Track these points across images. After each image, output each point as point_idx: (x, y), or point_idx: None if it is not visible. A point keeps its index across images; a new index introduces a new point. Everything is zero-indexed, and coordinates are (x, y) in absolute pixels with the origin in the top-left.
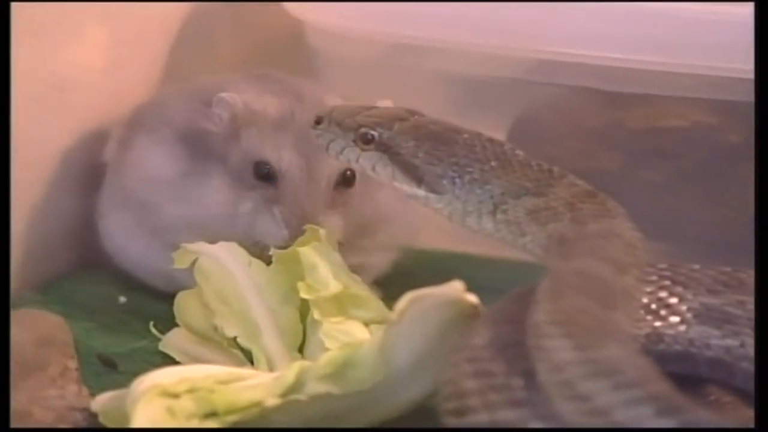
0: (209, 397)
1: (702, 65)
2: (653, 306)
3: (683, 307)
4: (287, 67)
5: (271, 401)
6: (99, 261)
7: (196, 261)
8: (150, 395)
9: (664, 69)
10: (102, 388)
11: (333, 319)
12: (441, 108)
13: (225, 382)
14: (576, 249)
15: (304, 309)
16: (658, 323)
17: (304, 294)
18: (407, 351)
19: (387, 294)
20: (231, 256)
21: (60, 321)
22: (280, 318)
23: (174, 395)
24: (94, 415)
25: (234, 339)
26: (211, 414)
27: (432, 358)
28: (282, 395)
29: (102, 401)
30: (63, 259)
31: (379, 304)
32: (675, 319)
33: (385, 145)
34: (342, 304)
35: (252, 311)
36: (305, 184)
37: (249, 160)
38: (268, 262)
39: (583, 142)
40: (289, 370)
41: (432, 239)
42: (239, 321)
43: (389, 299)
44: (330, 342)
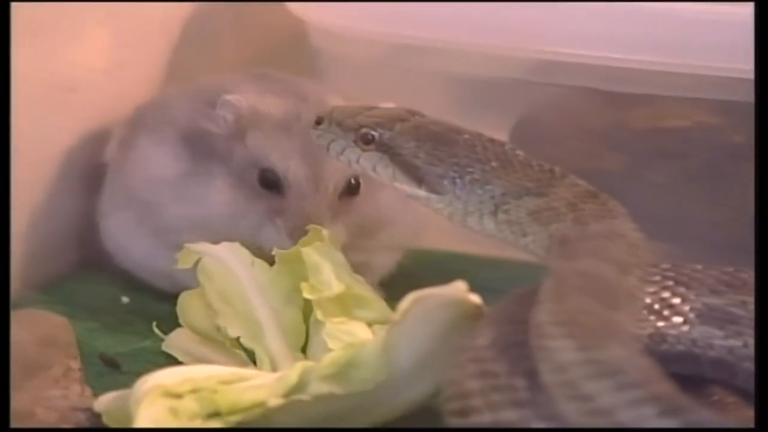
0: (212, 398)
1: (703, 65)
2: (656, 306)
3: (686, 308)
4: (290, 68)
5: (274, 401)
6: (101, 261)
7: (199, 261)
8: (153, 395)
9: (665, 69)
10: (105, 388)
11: (336, 320)
12: (443, 108)
13: (228, 382)
14: (578, 249)
15: (307, 309)
16: (660, 323)
17: (307, 294)
18: (410, 351)
19: (390, 294)
20: (234, 256)
21: (63, 321)
22: (283, 318)
23: (177, 395)
24: (97, 416)
25: (237, 339)
26: (214, 414)
27: (435, 358)
28: (285, 395)
29: (105, 401)
30: (66, 260)
31: (382, 304)
32: (678, 320)
33: (386, 146)
34: (345, 304)
35: (255, 311)
36: (311, 194)
37: (254, 164)
38: (271, 262)
39: (586, 142)
40: (292, 370)
41: (435, 240)
42: (242, 321)
43: (392, 299)
44: (333, 342)
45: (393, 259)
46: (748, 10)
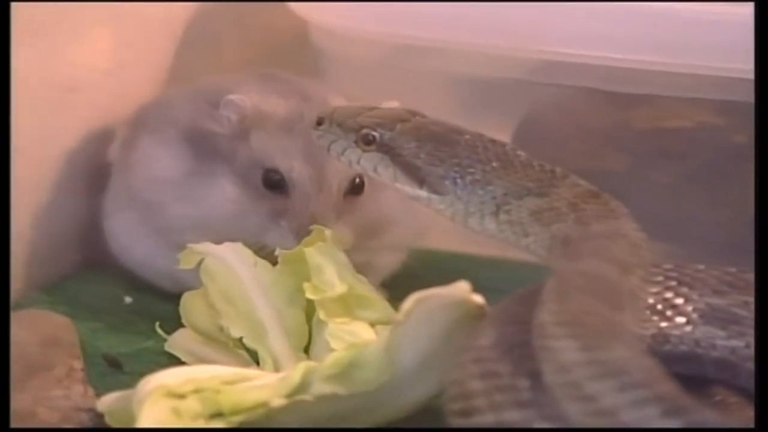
0: (215, 398)
1: (704, 65)
2: (659, 306)
3: (689, 308)
4: (292, 68)
5: (277, 402)
6: (104, 261)
7: (202, 261)
8: (156, 396)
9: (667, 69)
10: (108, 388)
11: (339, 320)
12: (445, 108)
13: (231, 382)
14: (581, 250)
15: (309, 310)
16: (663, 324)
17: (309, 295)
18: (413, 352)
19: (393, 295)
20: (237, 256)
21: (66, 321)
22: (285, 319)
23: (180, 396)
24: (99, 416)
25: (240, 339)
26: (217, 414)
27: (438, 358)
28: (288, 396)
29: (108, 402)
30: (68, 260)
31: (385, 304)
32: (681, 320)
33: (387, 146)
34: (348, 304)
35: (258, 312)
36: (315, 194)
37: (258, 165)
38: (273, 262)
39: (588, 142)
40: (295, 370)
41: (437, 240)
42: (245, 321)
43: (395, 300)
44: (336, 343)
45: (397, 259)
46: (748, 10)
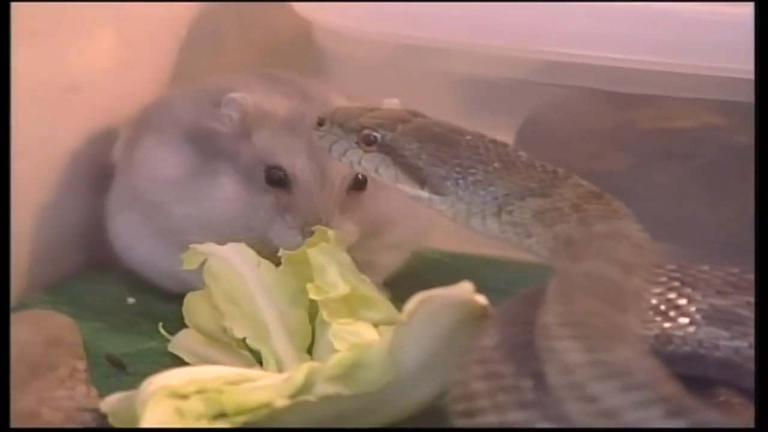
0: (218, 398)
1: (708, 66)
2: (662, 307)
3: (692, 309)
4: (295, 68)
5: (280, 402)
6: (108, 262)
7: (205, 262)
8: (159, 396)
9: (670, 70)
10: (111, 389)
11: (342, 321)
12: (449, 109)
13: (234, 383)
14: (584, 250)
15: (313, 310)
16: (667, 324)
17: (313, 295)
18: (416, 352)
19: (396, 295)
20: (240, 257)
21: (69, 322)
22: (289, 319)
23: (183, 396)
24: (103, 416)
25: (243, 340)
26: (220, 415)
27: (441, 359)
28: (291, 396)
29: (111, 402)
30: (71, 260)
31: (388, 305)
32: (684, 321)
33: (388, 147)
34: (351, 305)
35: (261, 312)
36: (318, 189)
37: (260, 162)
38: (277, 263)
39: (592, 143)
40: (298, 371)
41: (441, 240)
42: (248, 322)
43: (398, 300)
44: (339, 343)
45: (399, 258)
46: (748, 10)
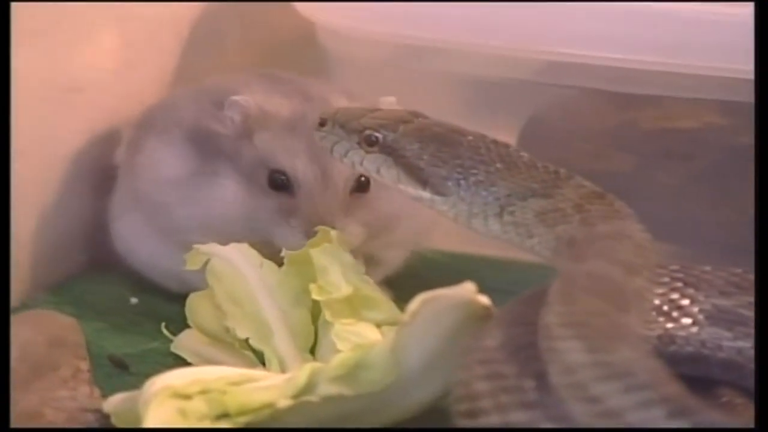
0: (221, 399)
1: (712, 66)
2: (665, 308)
3: (695, 309)
4: (297, 68)
5: (283, 402)
6: (110, 262)
7: (207, 262)
8: (162, 396)
9: (673, 70)
10: (114, 389)
11: (344, 321)
12: (451, 109)
13: (237, 383)
14: (586, 251)
15: (315, 310)
16: (669, 325)
17: (315, 295)
18: (419, 352)
19: (398, 295)
20: (243, 257)
21: (72, 322)
22: (291, 319)
23: (186, 396)
24: (105, 417)
25: (246, 340)
26: (223, 415)
27: (444, 359)
28: (294, 396)
29: (114, 402)
30: (74, 261)
31: (391, 305)
32: (687, 321)
33: (390, 148)
34: (354, 305)
35: (264, 313)
36: (322, 192)
37: (263, 165)
38: (279, 263)
39: (595, 143)
40: (301, 371)
41: (443, 241)
42: (251, 322)
43: (401, 301)
44: (342, 343)
45: (401, 256)
46: (749, 10)
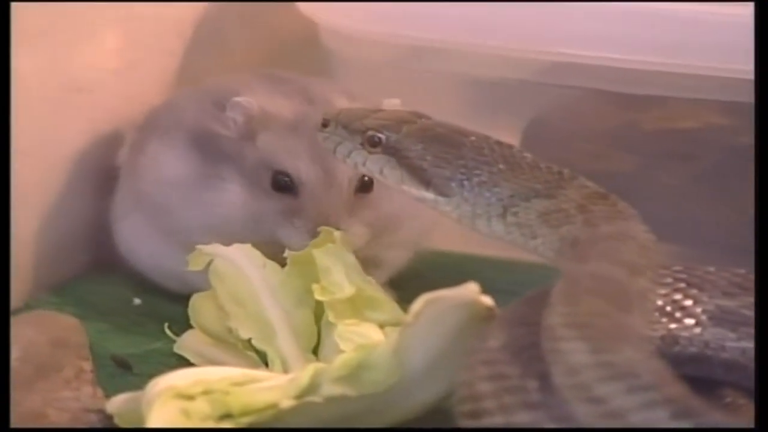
0: (224, 399)
1: (714, 67)
2: (668, 308)
3: (698, 310)
4: (300, 68)
5: (286, 403)
6: (113, 263)
7: (210, 263)
8: (165, 397)
9: (676, 71)
10: (117, 389)
11: (347, 321)
12: (455, 110)
13: (240, 383)
14: (590, 251)
15: (318, 311)
16: (673, 325)
17: (318, 296)
18: (422, 353)
19: (401, 296)
20: (246, 258)
21: (75, 323)
22: (294, 320)
23: (189, 397)
24: (109, 417)
25: (249, 341)
26: (226, 416)
27: (447, 360)
28: (297, 397)
29: (117, 403)
30: (77, 261)
31: (394, 306)
32: (690, 322)
33: (393, 148)
34: (356, 306)
35: (267, 313)
36: (326, 193)
37: (266, 167)
38: (282, 264)
39: (597, 144)
40: (304, 372)
41: (446, 241)
42: (254, 323)
43: (404, 301)
44: (344, 344)
45: (405, 256)
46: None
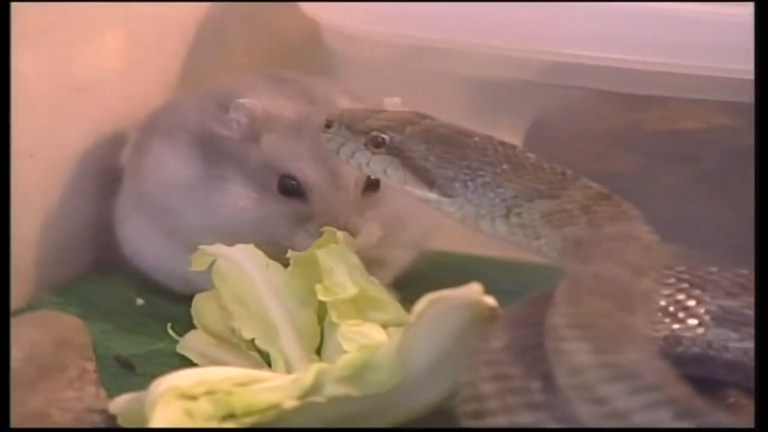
0: (227, 399)
1: (717, 67)
2: (671, 308)
3: (701, 310)
4: (303, 69)
5: (289, 403)
6: (116, 263)
7: (213, 263)
8: (168, 397)
9: (679, 71)
10: (120, 390)
11: (351, 322)
12: (457, 110)
13: (243, 384)
14: (593, 252)
15: (321, 311)
16: (676, 326)
17: (321, 296)
18: (425, 353)
19: (405, 296)
20: (249, 258)
21: (78, 323)
22: (297, 320)
23: (192, 397)
24: (112, 417)
25: (252, 341)
26: (229, 416)
27: (450, 360)
28: (300, 397)
29: (120, 403)
30: (80, 262)
31: (397, 306)
32: (693, 322)
33: (397, 149)
34: (360, 306)
35: (270, 313)
36: (333, 195)
37: (271, 169)
38: (285, 264)
39: (600, 144)
40: (307, 372)
41: (449, 241)
42: (257, 323)
43: (407, 302)
44: (348, 344)
45: (409, 256)
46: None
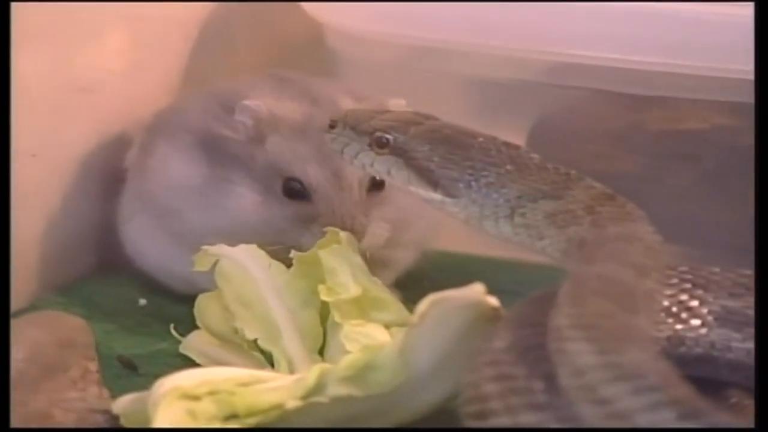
0: (230, 400)
1: (721, 68)
2: (674, 309)
3: (704, 310)
4: (306, 69)
5: (292, 403)
6: (119, 264)
7: (216, 264)
8: (171, 398)
9: (682, 71)
10: (122, 390)
11: (353, 322)
12: (460, 111)
13: (246, 384)
14: (596, 252)
15: (324, 311)
16: (679, 326)
17: (324, 296)
18: (428, 354)
19: (407, 297)
20: (251, 258)
21: (81, 323)
22: (300, 320)
23: (195, 397)
24: (115, 417)
25: (254, 341)
26: (232, 416)
27: (453, 360)
28: (303, 397)
29: (123, 403)
30: (84, 262)
31: (400, 306)
32: (696, 322)
33: (401, 149)
34: (362, 306)
35: (272, 314)
36: (338, 197)
37: (276, 172)
38: (288, 264)
39: (604, 144)
40: (310, 372)
41: (452, 242)
42: (260, 323)
43: (409, 302)
44: (350, 345)
45: (411, 257)
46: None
